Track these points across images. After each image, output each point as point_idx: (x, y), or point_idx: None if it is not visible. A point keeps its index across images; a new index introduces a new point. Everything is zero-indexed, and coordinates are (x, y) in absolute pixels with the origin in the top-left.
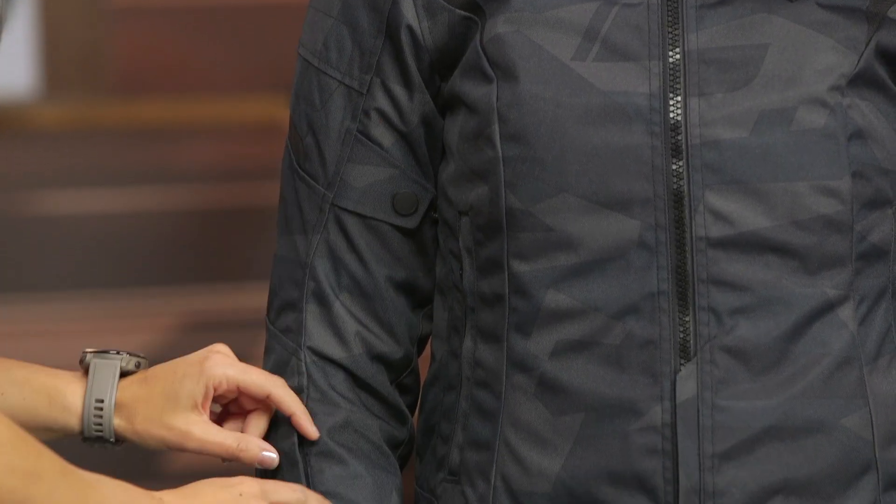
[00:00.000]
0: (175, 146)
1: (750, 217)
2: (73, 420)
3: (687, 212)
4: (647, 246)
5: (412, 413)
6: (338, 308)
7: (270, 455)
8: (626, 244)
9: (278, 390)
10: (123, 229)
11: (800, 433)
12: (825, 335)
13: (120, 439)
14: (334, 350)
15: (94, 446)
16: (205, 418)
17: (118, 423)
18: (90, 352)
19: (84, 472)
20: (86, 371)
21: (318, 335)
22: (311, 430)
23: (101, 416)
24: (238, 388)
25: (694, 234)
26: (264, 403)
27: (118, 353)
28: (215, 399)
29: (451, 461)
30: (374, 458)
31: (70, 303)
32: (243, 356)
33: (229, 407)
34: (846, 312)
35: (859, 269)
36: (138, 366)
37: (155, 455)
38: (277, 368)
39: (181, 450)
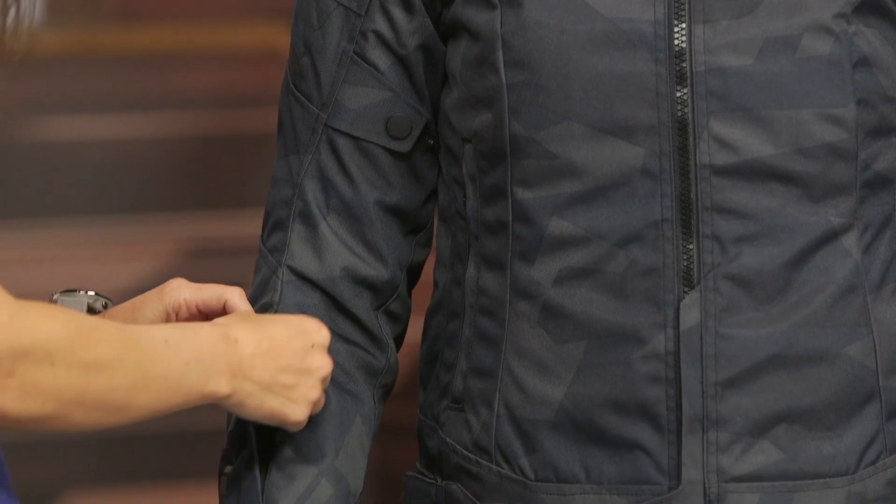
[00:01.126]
0: (175, 72)
1: (754, 144)
2: None
3: (691, 139)
4: (651, 173)
5: (401, 342)
6: (324, 229)
7: None
8: (630, 171)
9: (234, 298)
10: (123, 156)
11: (803, 361)
12: (829, 263)
13: None
14: (313, 270)
15: None
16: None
17: None
18: (59, 292)
19: (154, 337)
20: None
21: (299, 254)
22: None
23: None
24: (197, 307)
25: (698, 162)
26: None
27: (86, 292)
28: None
29: (454, 388)
30: (341, 381)
31: (70, 229)
32: (242, 282)
33: None
34: (850, 240)
35: (863, 197)
36: (105, 306)
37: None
38: (260, 286)
39: None
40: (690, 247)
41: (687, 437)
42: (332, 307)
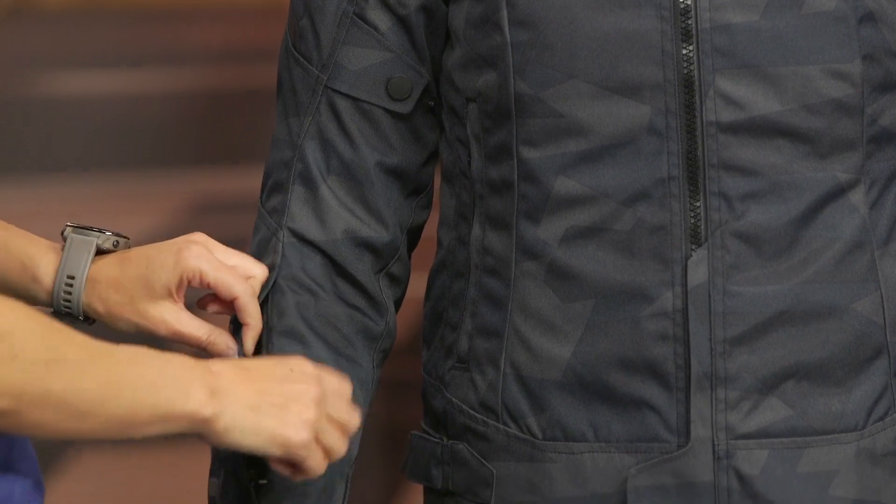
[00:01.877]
0: (181, 28)
1: (760, 101)
2: (42, 293)
3: (697, 97)
4: (657, 131)
5: (399, 305)
6: (324, 191)
7: (232, 350)
8: (636, 130)
9: (246, 298)
10: (127, 111)
11: (811, 318)
12: (836, 219)
13: (90, 318)
14: (314, 233)
15: (63, 321)
16: (179, 306)
17: (90, 301)
18: (71, 225)
19: (126, 350)
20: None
21: (299, 216)
22: (248, 348)
23: (70, 294)
24: (209, 286)
25: (704, 119)
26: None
27: (99, 230)
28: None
29: (459, 348)
30: (339, 346)
31: (73, 185)
32: (244, 239)
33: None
34: (857, 196)
35: (870, 152)
36: (116, 245)
37: None
38: (259, 247)
39: (151, 335)
40: (697, 204)
41: (695, 395)
42: (333, 270)
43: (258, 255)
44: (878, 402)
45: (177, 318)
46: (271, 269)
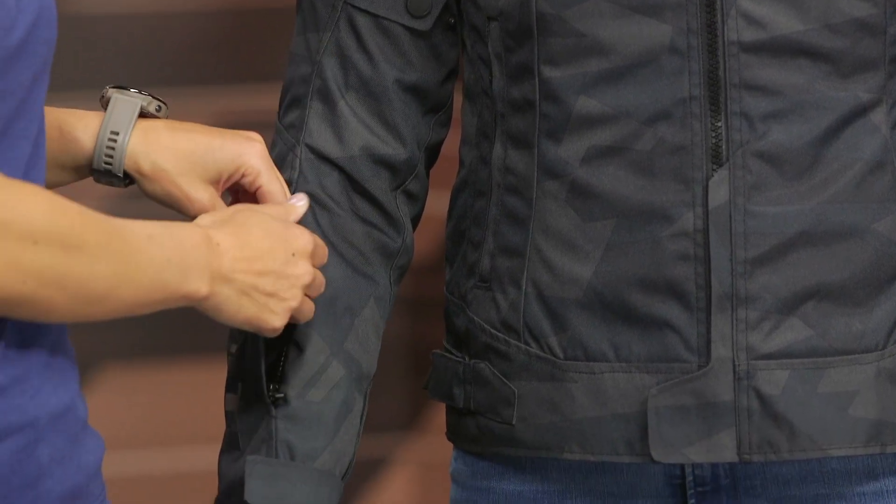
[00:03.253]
0: None
1: (783, 21)
2: (81, 154)
3: (719, 16)
4: (678, 51)
5: (417, 222)
6: (342, 107)
7: None
8: (657, 49)
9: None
10: (149, 30)
11: (832, 238)
12: (858, 139)
13: (128, 178)
14: (332, 149)
15: (101, 181)
16: (217, 195)
17: (135, 159)
18: (112, 87)
19: (140, 230)
20: (105, 106)
21: (317, 133)
22: None
23: (113, 149)
24: (258, 189)
25: (726, 39)
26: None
27: (141, 92)
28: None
29: (481, 267)
30: (355, 263)
31: (96, 103)
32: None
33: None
34: (879, 116)
35: (892, 72)
36: (159, 109)
37: None
38: (277, 163)
39: (178, 210)
40: (719, 124)
41: (716, 315)
42: (350, 187)
43: None
44: None
45: (213, 203)
46: (289, 184)
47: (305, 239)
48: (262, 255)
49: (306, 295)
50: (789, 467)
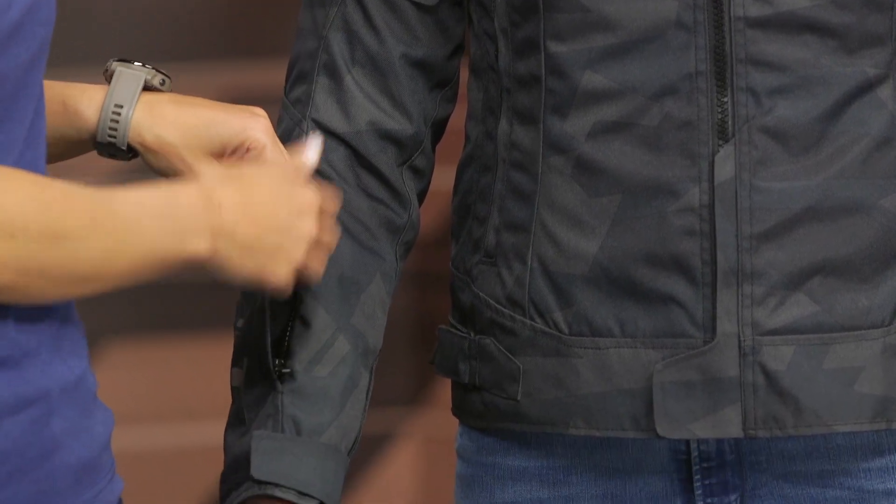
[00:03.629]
0: None
1: None
2: (85, 127)
3: None
4: (684, 25)
5: (423, 198)
6: (348, 82)
7: None
8: (663, 24)
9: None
10: (157, 4)
11: (838, 213)
12: (864, 115)
13: (132, 151)
14: (338, 124)
15: (104, 154)
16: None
17: (139, 132)
18: (116, 60)
19: (129, 201)
20: (109, 79)
21: (324, 108)
22: None
23: (117, 122)
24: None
25: (732, 14)
26: None
27: (143, 65)
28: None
29: (487, 243)
30: (362, 238)
31: (103, 80)
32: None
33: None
34: (885, 92)
35: None
36: (163, 83)
37: None
38: (282, 138)
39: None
40: (725, 99)
41: (722, 291)
42: (357, 162)
43: None
44: None
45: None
46: None
47: (312, 195)
48: (266, 211)
49: (315, 254)
50: (794, 443)
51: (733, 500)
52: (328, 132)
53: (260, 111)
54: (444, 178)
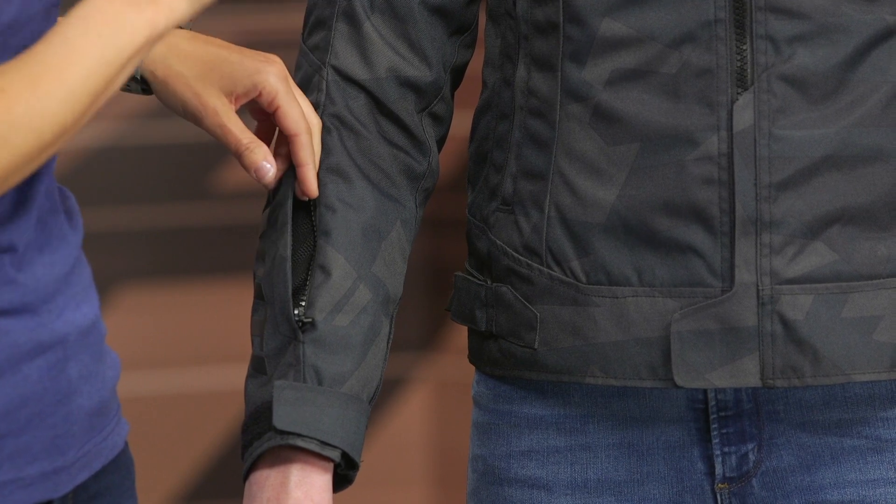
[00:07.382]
0: None
1: None
2: None
3: None
4: None
5: (442, 145)
6: (367, 28)
7: (268, 167)
8: None
9: (304, 137)
10: None
11: (857, 161)
12: (884, 62)
13: (146, 85)
14: (358, 71)
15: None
16: (231, 106)
17: (152, 64)
18: None
19: (54, 40)
20: None
21: (343, 54)
22: (310, 189)
23: None
24: (276, 110)
25: None
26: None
27: None
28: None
29: (504, 190)
30: (383, 185)
31: None
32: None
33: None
34: None
35: None
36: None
37: None
38: (301, 85)
39: (193, 121)
40: (744, 47)
41: (740, 240)
42: (376, 109)
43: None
44: None
45: (227, 113)
46: (316, 106)
47: None
48: None
49: None
50: (812, 392)
51: (750, 449)
52: (348, 79)
53: (276, 58)
54: (460, 124)
